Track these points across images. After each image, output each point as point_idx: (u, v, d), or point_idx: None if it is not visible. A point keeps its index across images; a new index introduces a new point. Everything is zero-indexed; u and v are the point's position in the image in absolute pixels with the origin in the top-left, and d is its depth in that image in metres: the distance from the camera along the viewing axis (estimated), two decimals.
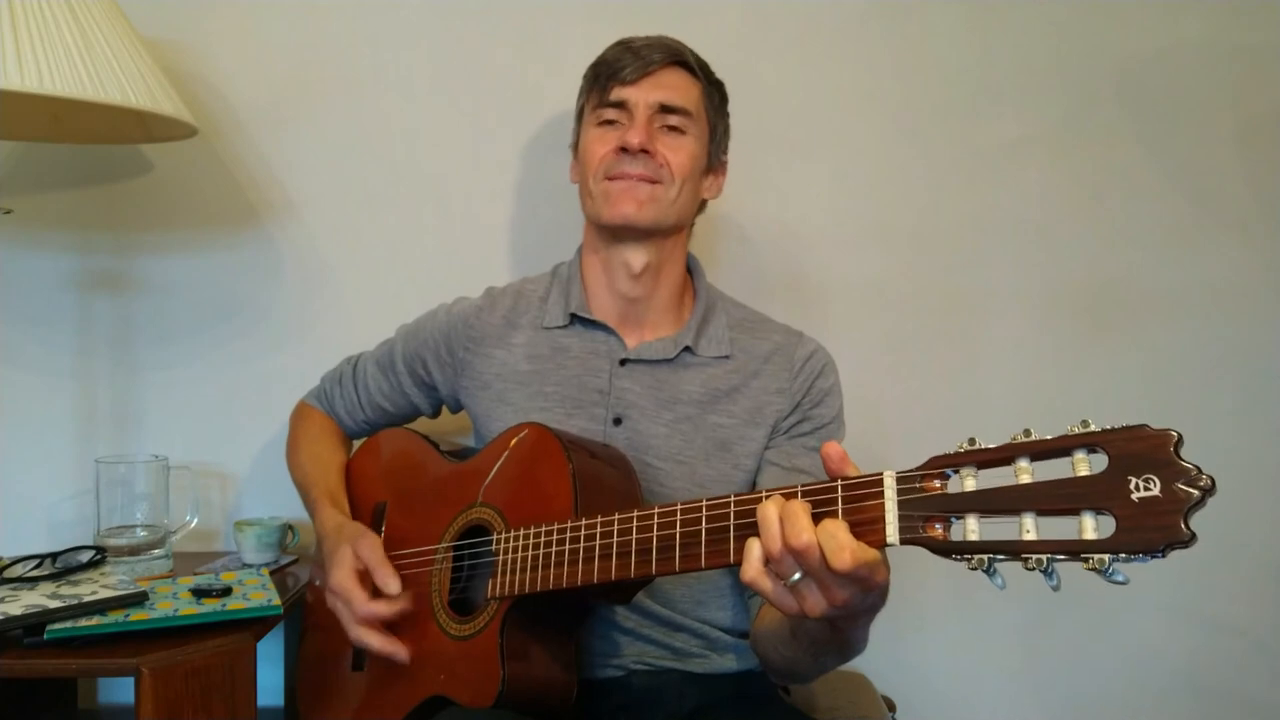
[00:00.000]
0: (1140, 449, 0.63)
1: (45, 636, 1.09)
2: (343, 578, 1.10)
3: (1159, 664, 1.66)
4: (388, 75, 1.61)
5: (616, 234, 1.19)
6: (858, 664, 1.58)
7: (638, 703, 1.13)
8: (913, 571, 1.60)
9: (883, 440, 1.57)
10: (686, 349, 1.21)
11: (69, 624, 1.10)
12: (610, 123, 1.20)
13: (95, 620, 1.12)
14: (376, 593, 1.09)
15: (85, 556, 1.31)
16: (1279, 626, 1.66)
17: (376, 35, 1.60)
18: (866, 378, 1.51)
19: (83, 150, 1.58)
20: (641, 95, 1.18)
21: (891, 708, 1.48)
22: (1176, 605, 1.65)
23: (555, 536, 0.98)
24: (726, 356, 1.22)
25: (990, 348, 1.65)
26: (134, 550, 1.40)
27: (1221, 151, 1.63)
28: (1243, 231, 1.64)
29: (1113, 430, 0.65)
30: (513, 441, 1.11)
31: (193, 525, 1.51)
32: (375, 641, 1.07)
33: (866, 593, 0.78)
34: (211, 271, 1.62)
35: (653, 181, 1.16)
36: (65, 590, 1.19)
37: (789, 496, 0.80)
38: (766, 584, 0.79)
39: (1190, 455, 0.63)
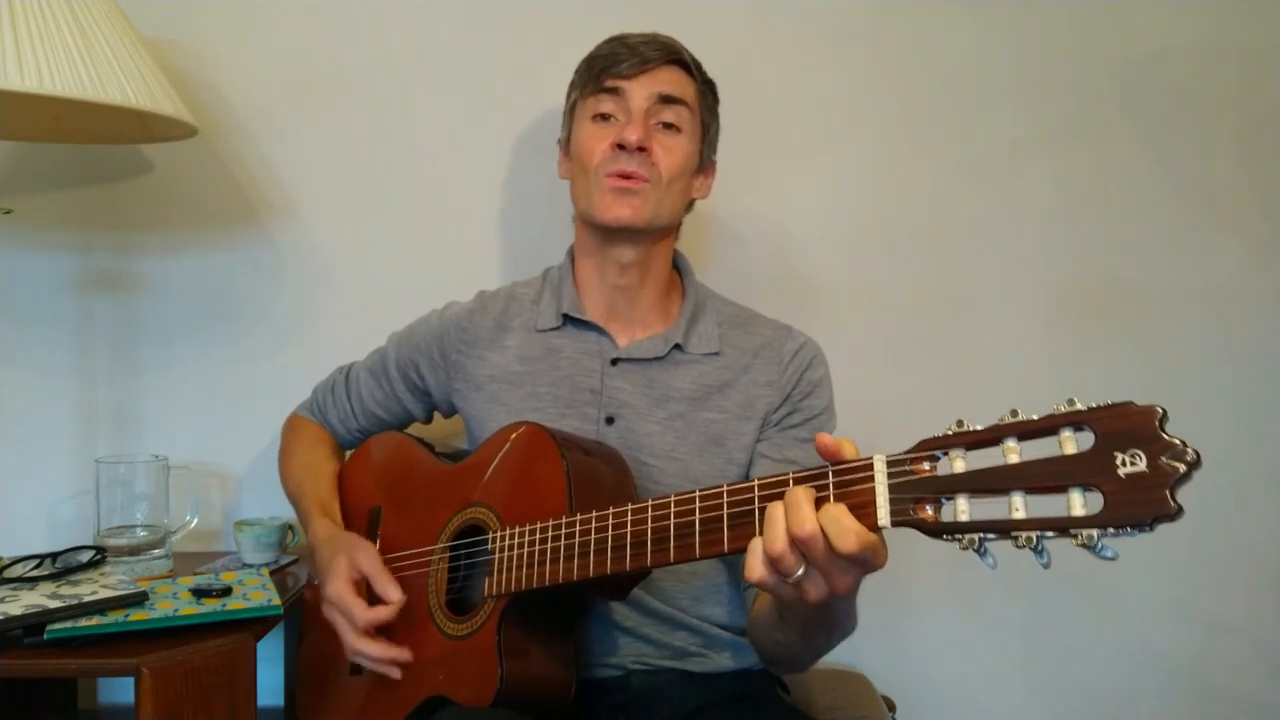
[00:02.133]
0: (1126, 425, 0.63)
1: (45, 636, 1.09)
2: (340, 588, 1.09)
3: (1159, 662, 1.66)
4: (388, 76, 1.61)
5: (609, 234, 1.19)
6: (857, 663, 1.58)
7: (636, 702, 1.13)
8: (913, 572, 1.60)
9: (882, 442, 1.56)
10: (677, 346, 1.21)
11: (69, 624, 1.11)
12: (605, 117, 1.19)
13: (95, 620, 1.12)
14: (373, 601, 1.09)
15: (85, 556, 1.32)
16: (1279, 626, 1.66)
17: (377, 36, 1.60)
18: (865, 378, 1.51)
19: (83, 150, 1.59)
20: (639, 90, 1.18)
21: (891, 708, 1.48)
22: (1176, 604, 1.65)
23: (550, 533, 0.98)
24: (716, 353, 1.22)
25: (990, 348, 1.64)
26: (134, 550, 1.40)
27: (1221, 151, 1.63)
28: (1243, 231, 1.63)
29: (1098, 408, 0.65)
30: (507, 440, 1.11)
31: (193, 525, 1.51)
32: (375, 650, 1.07)
33: (865, 575, 0.78)
34: (211, 271, 1.62)
35: (644, 180, 1.16)
36: (65, 590, 1.19)
37: (781, 484, 0.80)
38: (770, 579, 0.79)
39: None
